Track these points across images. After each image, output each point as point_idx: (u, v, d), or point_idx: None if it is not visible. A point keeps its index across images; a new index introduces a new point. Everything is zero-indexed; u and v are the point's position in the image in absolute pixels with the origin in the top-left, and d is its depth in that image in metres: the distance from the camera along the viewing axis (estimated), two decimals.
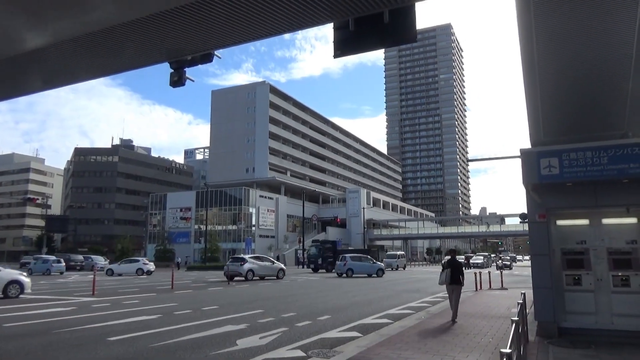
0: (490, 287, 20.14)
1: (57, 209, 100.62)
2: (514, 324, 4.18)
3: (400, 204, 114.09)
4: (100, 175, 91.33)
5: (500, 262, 50.05)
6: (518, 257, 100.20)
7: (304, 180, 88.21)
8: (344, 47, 6.47)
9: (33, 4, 5.63)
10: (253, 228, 68.24)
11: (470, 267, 49.05)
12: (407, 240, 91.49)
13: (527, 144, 9.61)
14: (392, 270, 43.00)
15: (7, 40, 6.51)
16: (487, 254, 69.25)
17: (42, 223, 73.74)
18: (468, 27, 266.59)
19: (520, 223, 59.86)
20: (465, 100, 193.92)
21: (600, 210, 8.35)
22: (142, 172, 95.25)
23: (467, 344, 7.51)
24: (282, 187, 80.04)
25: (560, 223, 8.61)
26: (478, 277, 19.87)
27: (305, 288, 20.96)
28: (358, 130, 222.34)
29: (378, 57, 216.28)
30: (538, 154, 7.84)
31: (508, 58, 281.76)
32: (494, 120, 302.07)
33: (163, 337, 8.35)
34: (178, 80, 7.70)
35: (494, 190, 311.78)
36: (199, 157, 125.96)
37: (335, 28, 6.52)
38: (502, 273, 23.64)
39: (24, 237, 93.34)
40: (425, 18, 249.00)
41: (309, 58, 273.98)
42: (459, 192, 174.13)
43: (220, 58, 7.77)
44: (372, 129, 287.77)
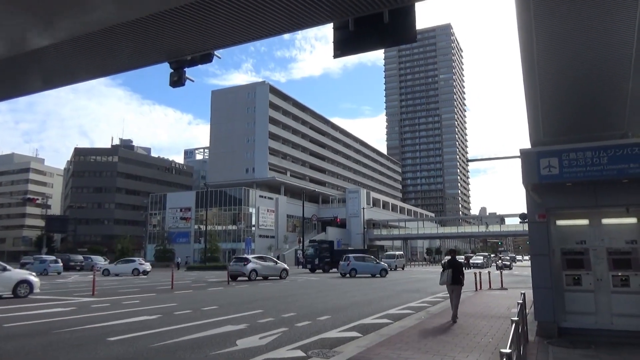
0: (490, 287, 20.14)
1: (57, 209, 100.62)
2: (514, 324, 4.19)
3: (400, 204, 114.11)
4: (100, 176, 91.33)
5: (500, 262, 50.06)
6: (518, 257, 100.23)
7: (304, 181, 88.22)
8: (344, 47, 6.47)
9: (33, 4, 5.63)
10: (253, 228, 68.24)
11: (470, 267, 49.04)
12: (406, 241, 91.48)
13: (527, 144, 9.62)
14: (391, 271, 42.93)
15: (7, 40, 6.51)
16: (487, 254, 69.28)
17: (42, 223, 73.73)
18: (468, 27, 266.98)
19: (520, 223, 59.87)
20: (465, 100, 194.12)
21: (600, 210, 8.35)
22: (142, 172, 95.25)
23: (467, 344, 7.51)
24: (282, 187, 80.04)
25: (560, 223, 8.62)
26: (478, 277, 19.87)
27: (305, 288, 20.96)
28: (358, 131, 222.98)
29: (378, 57, 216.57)
30: (538, 154, 7.84)
31: (508, 58, 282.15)
32: (494, 120, 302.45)
33: (163, 337, 8.35)
34: (178, 80, 7.70)
35: (494, 191, 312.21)
36: (199, 157, 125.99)
37: (335, 28, 6.52)
38: (501, 273, 23.64)
39: (24, 237, 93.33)
40: (425, 18, 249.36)
41: (309, 58, 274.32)
42: (459, 192, 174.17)
43: (220, 58, 7.78)
44: (372, 129, 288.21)
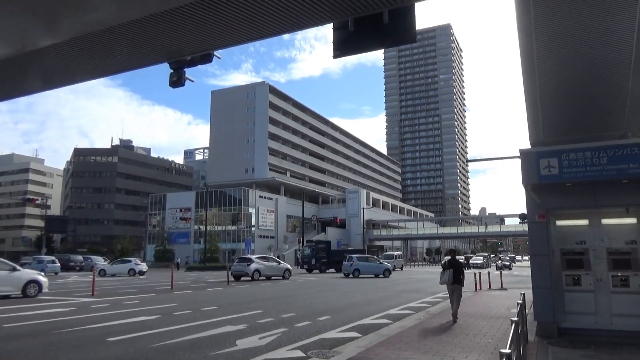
0: (490, 287, 20.14)
1: (56, 210, 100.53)
2: (514, 324, 4.19)
3: (400, 205, 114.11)
4: (100, 176, 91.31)
5: (500, 262, 50.07)
6: (517, 257, 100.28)
7: (304, 181, 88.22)
8: (344, 47, 6.48)
9: (33, 5, 5.63)
10: (253, 228, 68.23)
11: (470, 267, 49.04)
12: (406, 241, 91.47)
13: (526, 145, 9.62)
14: None
15: (7, 41, 6.51)
16: (486, 254, 69.28)
17: (41, 223, 73.61)
18: (467, 27, 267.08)
19: (520, 223, 59.82)
20: (465, 101, 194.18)
21: (600, 211, 8.35)
22: (141, 172, 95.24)
23: (466, 344, 7.51)
24: (281, 187, 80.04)
25: (560, 223, 8.62)
26: (477, 277, 19.87)
27: (305, 288, 20.95)
28: (358, 131, 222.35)
29: (377, 57, 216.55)
30: (537, 154, 7.84)
31: (508, 58, 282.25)
32: (494, 121, 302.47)
33: (163, 337, 8.34)
34: (177, 81, 7.70)
35: (494, 191, 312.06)
36: (199, 157, 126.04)
37: (335, 28, 6.52)
38: (501, 273, 23.65)
39: (24, 237, 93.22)
40: (425, 18, 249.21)
41: (309, 58, 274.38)
42: (459, 192, 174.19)
43: (220, 58, 7.77)
44: (371, 129, 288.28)
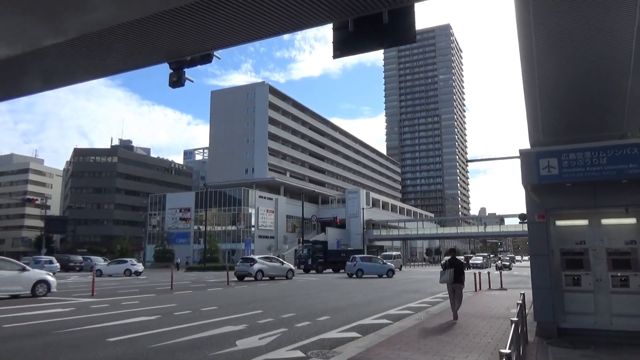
0: (490, 287, 20.14)
1: (56, 210, 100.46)
2: (514, 325, 4.19)
3: (400, 205, 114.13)
4: (100, 176, 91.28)
5: (500, 262, 50.08)
6: (517, 257, 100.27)
7: (304, 181, 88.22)
8: (344, 47, 6.48)
9: (34, 5, 5.63)
10: (252, 229, 68.21)
11: (470, 267, 49.06)
12: (406, 241, 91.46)
13: (526, 145, 9.63)
14: None
15: (7, 41, 6.51)
16: (486, 255, 69.27)
17: (41, 224, 73.56)
18: (467, 27, 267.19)
19: (520, 223, 59.75)
20: (465, 101, 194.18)
21: (600, 211, 8.35)
22: (141, 172, 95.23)
23: (466, 345, 7.51)
24: (281, 187, 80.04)
25: (560, 223, 8.62)
26: (477, 277, 19.87)
27: (305, 288, 20.95)
28: (357, 131, 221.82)
29: (377, 57, 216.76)
30: (537, 155, 7.84)
31: (507, 58, 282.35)
32: (494, 121, 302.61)
33: (162, 337, 8.34)
34: (177, 81, 7.70)
35: (494, 191, 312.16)
36: (199, 157, 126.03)
37: (335, 29, 6.53)
38: (501, 273, 23.66)
39: (23, 237, 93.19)
40: (424, 18, 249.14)
41: (308, 59, 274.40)
42: (459, 192, 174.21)
43: (220, 59, 7.78)
44: (371, 130, 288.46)
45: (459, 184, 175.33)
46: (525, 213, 8.91)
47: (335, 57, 6.59)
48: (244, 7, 5.56)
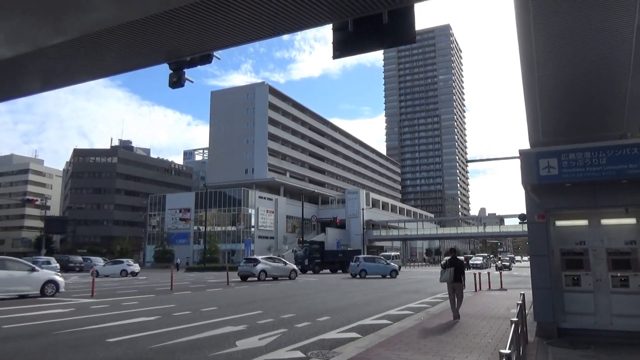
0: (490, 287, 20.15)
1: (56, 210, 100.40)
2: (514, 325, 4.19)
3: (400, 205, 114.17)
4: (99, 176, 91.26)
5: (500, 262, 50.08)
6: (517, 257, 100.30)
7: (303, 181, 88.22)
8: (343, 48, 6.48)
9: (34, 5, 5.63)
10: (252, 229, 68.21)
11: (470, 267, 49.05)
12: (406, 241, 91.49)
13: (526, 145, 9.63)
14: None
15: (6, 41, 6.51)
16: (486, 255, 69.29)
17: (41, 224, 73.53)
18: (467, 27, 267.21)
19: (520, 224, 59.79)
20: (465, 101, 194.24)
21: (599, 211, 8.35)
22: (141, 173, 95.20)
23: (466, 345, 7.51)
24: (281, 188, 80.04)
25: (560, 224, 8.62)
26: (477, 277, 19.88)
27: (305, 289, 20.95)
28: (357, 131, 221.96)
29: (377, 57, 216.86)
30: (537, 155, 7.84)
31: (507, 58, 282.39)
32: (493, 121, 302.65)
33: (162, 338, 8.34)
34: (177, 81, 7.71)
35: (493, 191, 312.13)
36: (198, 158, 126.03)
37: (335, 29, 6.53)
38: (501, 274, 23.66)
39: (23, 238, 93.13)
40: (424, 19, 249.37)
41: (308, 59, 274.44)
42: (458, 192, 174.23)
43: (220, 59, 7.78)
44: (371, 130, 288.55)
45: (459, 184, 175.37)
46: (525, 213, 8.91)
47: (335, 57, 6.59)
48: (244, 7, 5.56)
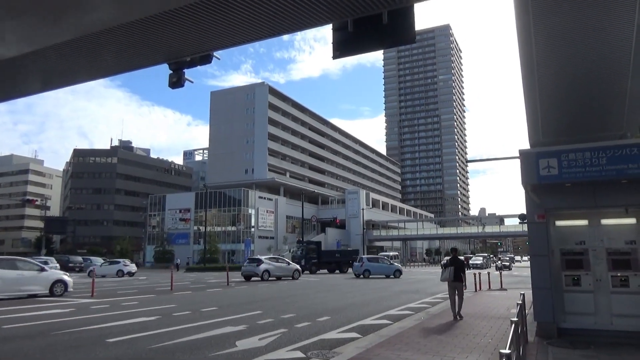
0: (490, 287, 20.15)
1: (56, 211, 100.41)
2: (514, 325, 4.19)
3: (400, 205, 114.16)
4: (99, 177, 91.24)
5: (500, 262, 50.07)
6: (517, 257, 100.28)
7: (303, 181, 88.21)
8: (343, 48, 6.48)
9: (33, 6, 5.63)
10: (252, 229, 68.19)
11: (470, 267, 49.04)
12: (406, 241, 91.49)
13: (526, 145, 9.63)
14: None
15: (6, 42, 6.50)
16: (486, 255, 69.30)
17: (41, 224, 73.55)
18: (467, 27, 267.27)
19: (520, 224, 59.82)
20: (464, 101, 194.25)
21: (599, 211, 8.35)
22: (141, 173, 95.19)
23: (466, 345, 7.51)
24: (281, 188, 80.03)
25: (560, 224, 8.62)
26: (477, 277, 19.88)
27: (305, 289, 20.95)
28: (357, 131, 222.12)
29: (377, 58, 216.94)
30: (537, 155, 7.84)
31: (507, 59, 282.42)
32: (494, 121, 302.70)
33: (162, 338, 8.34)
34: (177, 82, 7.71)
35: (493, 191, 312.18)
36: (198, 158, 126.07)
37: (334, 29, 6.53)
38: (501, 274, 23.66)
39: (23, 238, 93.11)
40: (424, 19, 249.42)
41: (308, 59, 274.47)
42: (458, 192, 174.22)
43: (219, 59, 7.79)
44: (371, 130, 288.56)
45: (459, 184, 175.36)
46: (525, 213, 8.91)
47: (335, 57, 6.60)
48: (244, 7, 5.56)
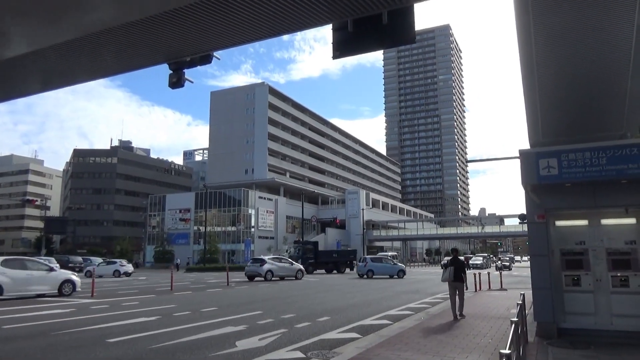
0: (490, 288, 20.15)
1: (56, 211, 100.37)
2: (514, 325, 4.19)
3: (400, 205, 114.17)
4: (99, 177, 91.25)
5: (500, 263, 50.07)
6: (517, 257, 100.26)
7: (303, 182, 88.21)
8: (343, 48, 6.48)
9: (33, 6, 5.63)
10: (252, 229, 68.21)
11: (470, 268, 49.04)
12: (406, 241, 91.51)
13: (526, 145, 9.63)
14: None
15: (6, 42, 6.51)
16: (486, 255, 69.30)
17: (41, 224, 73.49)
18: (467, 27, 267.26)
19: (520, 224, 59.83)
20: (464, 101, 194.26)
21: (599, 211, 8.35)
22: (141, 173, 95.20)
23: (466, 345, 7.51)
24: (281, 188, 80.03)
25: (560, 224, 8.62)
26: (477, 277, 19.88)
27: (305, 289, 20.95)
28: (357, 131, 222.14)
29: (377, 58, 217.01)
30: (537, 155, 7.84)
31: (507, 59, 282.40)
32: (493, 121, 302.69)
33: (162, 338, 8.34)
34: (177, 82, 7.71)
35: (493, 191, 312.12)
36: (198, 158, 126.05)
37: (334, 29, 6.53)
38: (501, 274, 23.66)
39: (23, 238, 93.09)
40: (424, 19, 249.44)
41: (308, 59, 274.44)
42: (458, 192, 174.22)
43: (219, 59, 7.78)
44: (371, 130, 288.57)
45: (459, 184, 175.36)
46: (525, 213, 8.91)
47: (335, 57, 6.60)
48: (244, 7, 5.56)
